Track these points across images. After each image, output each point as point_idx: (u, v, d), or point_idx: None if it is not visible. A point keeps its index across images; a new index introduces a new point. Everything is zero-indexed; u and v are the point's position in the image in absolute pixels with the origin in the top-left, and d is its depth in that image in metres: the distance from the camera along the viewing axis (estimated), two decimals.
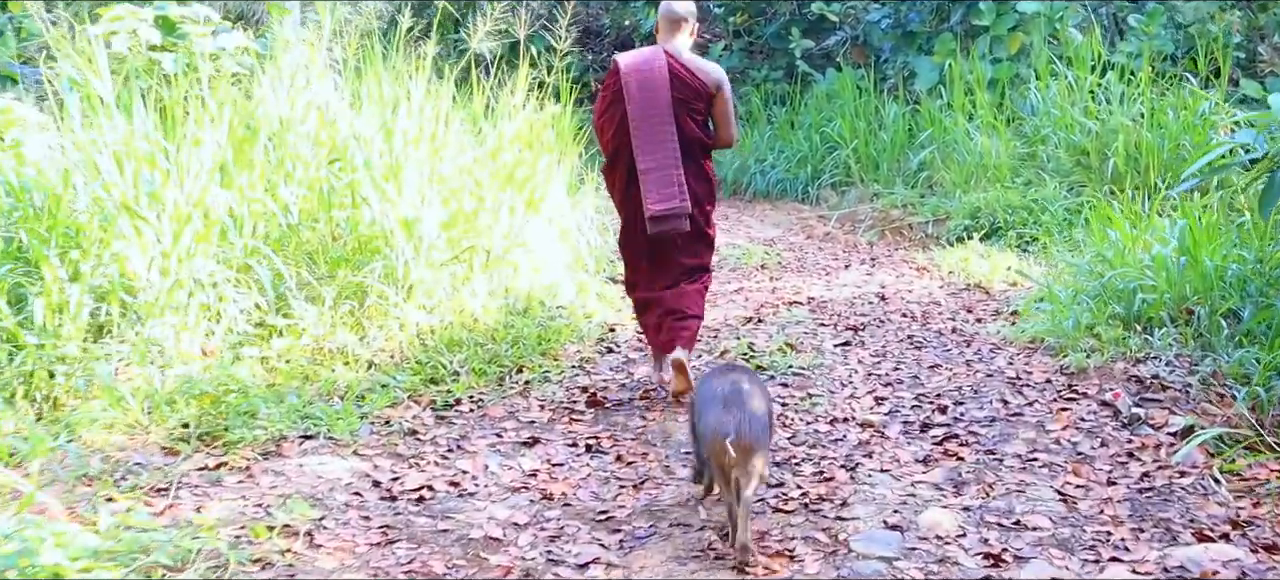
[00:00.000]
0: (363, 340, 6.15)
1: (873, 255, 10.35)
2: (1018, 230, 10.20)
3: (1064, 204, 10.40)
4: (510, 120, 8.01)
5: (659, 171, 5.54)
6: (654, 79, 5.57)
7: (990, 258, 9.25)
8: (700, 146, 5.73)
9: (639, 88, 5.56)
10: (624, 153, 5.66)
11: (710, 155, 5.86)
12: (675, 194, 5.54)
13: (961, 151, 11.83)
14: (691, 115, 5.65)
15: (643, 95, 5.55)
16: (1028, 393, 5.78)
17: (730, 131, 5.82)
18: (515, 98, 8.18)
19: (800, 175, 14.05)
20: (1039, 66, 12.29)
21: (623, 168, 5.71)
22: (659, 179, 5.54)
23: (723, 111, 5.74)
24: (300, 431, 5.10)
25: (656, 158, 5.54)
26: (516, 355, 6.29)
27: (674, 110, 5.57)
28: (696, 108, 5.67)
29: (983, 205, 10.63)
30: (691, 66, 5.68)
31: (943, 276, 9.09)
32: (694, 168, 5.67)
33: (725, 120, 5.77)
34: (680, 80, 5.62)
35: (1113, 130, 10.90)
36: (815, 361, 6.36)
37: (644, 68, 5.61)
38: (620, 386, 6.05)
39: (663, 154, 5.55)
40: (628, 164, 5.65)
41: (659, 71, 5.58)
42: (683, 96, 5.61)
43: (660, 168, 5.54)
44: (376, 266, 6.39)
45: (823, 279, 9.15)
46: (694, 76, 5.65)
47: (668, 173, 5.54)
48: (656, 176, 5.54)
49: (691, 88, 5.64)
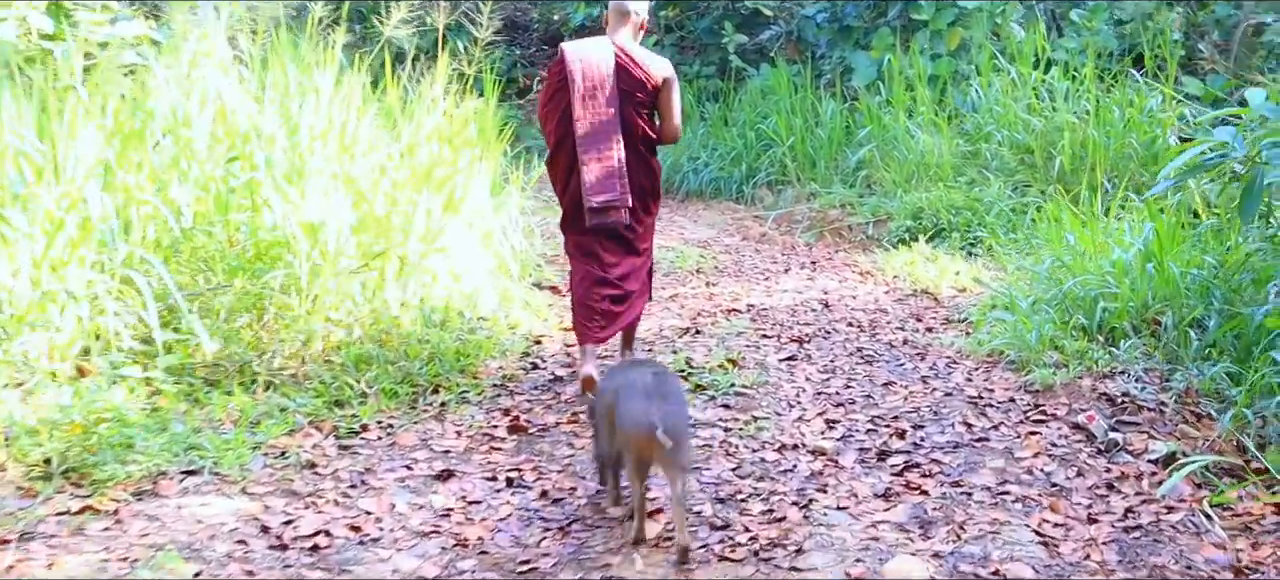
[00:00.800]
0: (262, 357, 5.52)
1: (812, 258, 9.84)
2: (961, 231, 9.77)
3: (1008, 204, 9.99)
4: (428, 116, 7.37)
5: (600, 164, 5.49)
6: (600, 70, 5.51)
7: (937, 261, 8.78)
8: (645, 140, 5.68)
9: (584, 77, 5.49)
10: (567, 143, 5.58)
11: (655, 149, 5.80)
12: (616, 186, 5.49)
13: (902, 150, 11.37)
14: (637, 108, 5.60)
15: (587, 85, 5.49)
16: (992, 414, 5.28)
17: (675, 125, 5.73)
18: (433, 91, 7.54)
19: (734, 174, 13.50)
20: (981, 63, 11.87)
21: (565, 158, 5.63)
22: (600, 172, 5.49)
23: (668, 105, 5.66)
24: (182, 466, 4.47)
25: (599, 149, 5.48)
26: (432, 373, 5.68)
27: (619, 102, 5.51)
28: (642, 100, 5.61)
29: (925, 205, 10.17)
30: (638, 59, 5.59)
31: (887, 281, 8.60)
32: (638, 161, 5.63)
33: (671, 114, 5.68)
34: (626, 72, 5.54)
35: (1058, 128, 10.52)
36: (759, 379, 5.81)
37: (590, 58, 5.53)
38: (546, 408, 5.46)
39: (605, 145, 5.49)
40: (570, 154, 5.57)
41: (605, 62, 5.52)
42: (628, 88, 5.55)
43: (602, 160, 5.49)
44: (278, 275, 5.76)
45: (762, 284, 8.62)
46: (641, 68, 5.57)
47: (609, 165, 5.50)
48: (597, 169, 5.49)
49: (638, 80, 5.56)
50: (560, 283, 8.36)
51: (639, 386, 3.88)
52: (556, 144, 5.69)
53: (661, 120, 5.74)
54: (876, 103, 12.28)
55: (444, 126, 7.45)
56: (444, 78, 7.67)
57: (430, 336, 5.96)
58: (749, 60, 15.22)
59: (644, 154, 5.71)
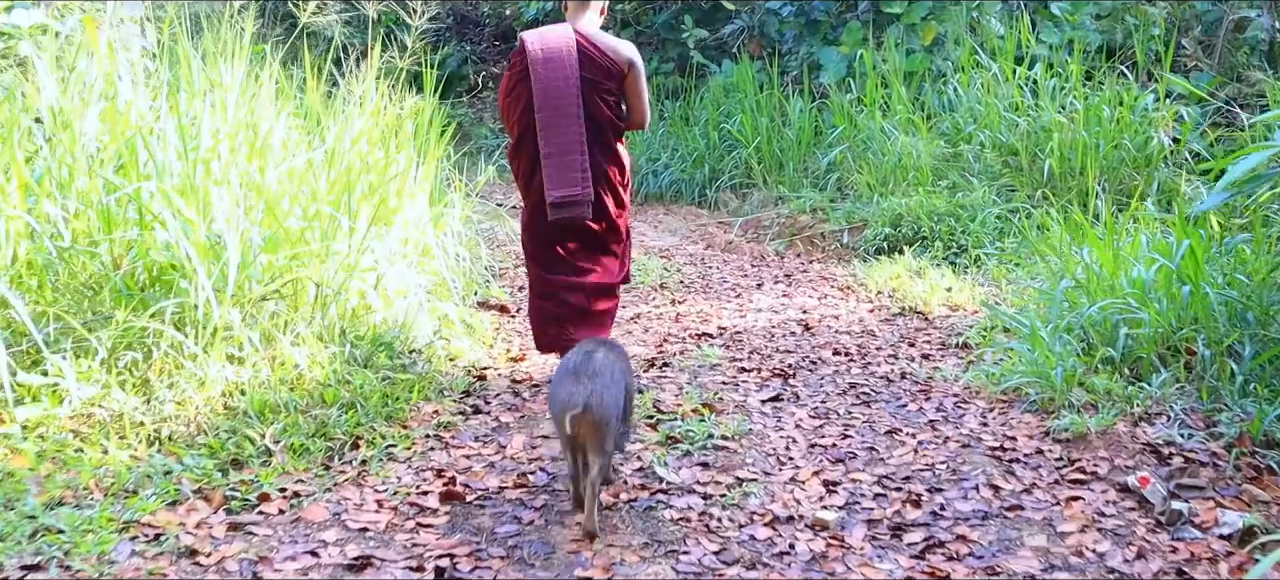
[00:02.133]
0: (148, 404, 4.54)
1: (785, 270, 8.93)
2: (945, 240, 8.91)
3: (994, 210, 9.14)
4: (357, 116, 6.39)
5: (561, 156, 5.21)
6: (562, 58, 5.21)
7: (925, 276, 7.89)
8: (612, 128, 5.39)
9: (545, 66, 5.20)
10: (530, 135, 5.29)
11: (622, 137, 5.51)
12: (577, 180, 5.22)
13: (876, 151, 10.50)
14: (602, 96, 5.31)
15: (549, 74, 5.19)
16: (1020, 472, 4.38)
17: (643, 112, 5.48)
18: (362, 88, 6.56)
19: (697, 176, 12.57)
20: (959, 58, 11.02)
21: (528, 151, 5.35)
22: (561, 164, 5.21)
23: (635, 91, 5.41)
24: (23, 559, 3.48)
25: (559, 142, 5.21)
26: (352, 422, 4.71)
27: (582, 91, 5.23)
28: (607, 88, 5.33)
29: (904, 212, 9.30)
30: (601, 44, 5.32)
31: (871, 298, 7.71)
32: (605, 152, 5.36)
33: (638, 100, 5.44)
34: (589, 59, 5.26)
35: (1045, 129, 9.69)
36: (742, 427, 4.85)
37: (551, 46, 5.24)
38: (488, 467, 4.49)
39: (566, 137, 5.21)
40: (533, 147, 5.29)
41: (567, 50, 5.23)
42: (592, 76, 5.26)
43: (563, 153, 5.21)
44: (170, 305, 4.77)
45: (733, 302, 7.69)
46: (604, 54, 5.30)
47: (571, 158, 5.22)
48: (558, 161, 5.22)
49: (602, 67, 5.29)
50: (510, 300, 7.40)
51: (567, 366, 3.86)
52: (519, 137, 5.37)
53: (628, 107, 5.48)
54: (847, 101, 11.40)
55: (374, 128, 6.49)
56: (375, 73, 6.68)
57: (352, 376, 4.99)
58: (710, 56, 14.31)
59: (611, 144, 5.40)
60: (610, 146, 5.40)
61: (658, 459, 4.44)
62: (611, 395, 3.76)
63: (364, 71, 6.71)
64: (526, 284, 5.89)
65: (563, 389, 3.75)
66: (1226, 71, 11.23)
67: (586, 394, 3.67)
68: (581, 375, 3.76)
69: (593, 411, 3.65)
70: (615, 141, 5.44)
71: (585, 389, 3.68)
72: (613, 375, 3.84)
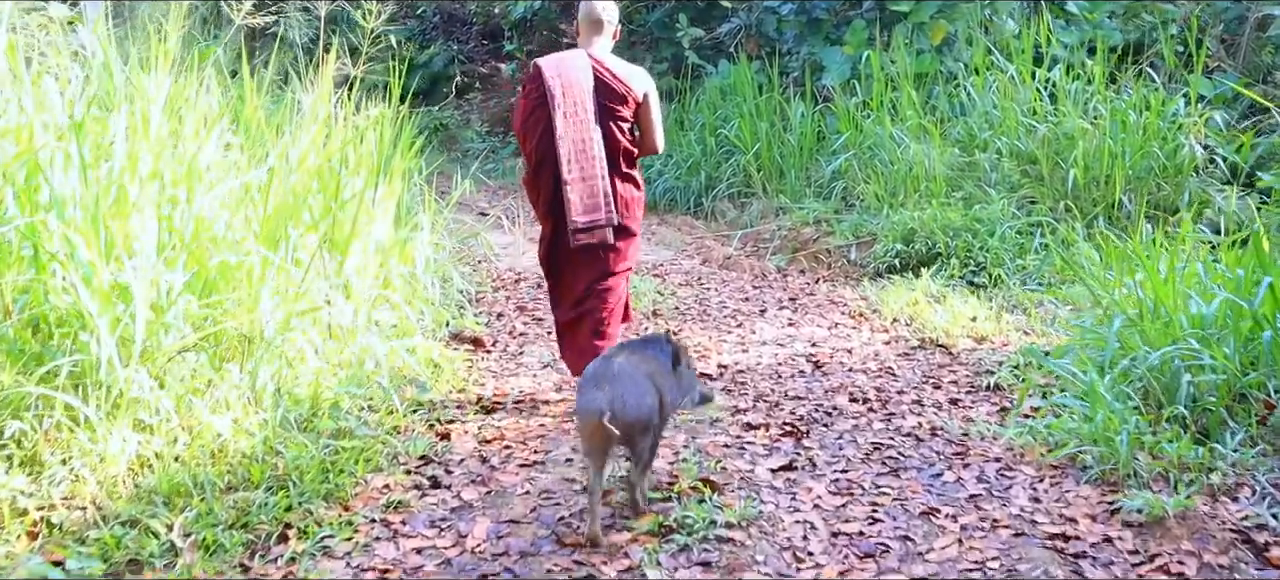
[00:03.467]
0: (35, 483, 3.72)
1: (790, 290, 8.09)
2: (961, 257, 8.08)
3: (1013, 224, 8.32)
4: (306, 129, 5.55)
5: (583, 182, 5.14)
6: (579, 84, 5.14)
7: (945, 301, 7.06)
8: (626, 155, 5.30)
9: (564, 94, 5.12)
10: (549, 161, 5.17)
11: (635, 164, 5.42)
12: (601, 205, 5.16)
13: (885, 159, 9.66)
14: (618, 123, 5.23)
15: (568, 101, 5.12)
16: (1090, 571, 3.54)
17: (656, 139, 5.42)
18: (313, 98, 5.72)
19: (692, 184, 11.72)
20: (974, 59, 10.19)
21: (547, 177, 5.20)
22: (584, 190, 5.14)
23: (649, 119, 5.34)
24: None
25: (582, 167, 5.13)
26: (281, 507, 3.86)
27: (599, 118, 5.16)
28: (623, 115, 5.24)
29: (917, 226, 8.46)
30: (617, 72, 5.23)
31: (886, 327, 6.87)
32: (622, 178, 5.28)
33: (651, 128, 5.37)
34: (606, 86, 5.18)
35: (1067, 135, 8.86)
36: (749, 510, 3.97)
37: (568, 73, 5.16)
38: (443, 564, 3.65)
39: (587, 164, 5.14)
40: (552, 173, 5.16)
41: (584, 77, 5.15)
42: (608, 103, 5.18)
43: (585, 178, 5.14)
44: (67, 363, 3.94)
45: (734, 332, 6.85)
46: (620, 82, 5.21)
47: (593, 183, 5.15)
48: (582, 188, 5.14)
49: (618, 94, 5.20)
50: (486, 332, 6.58)
51: (589, 375, 3.80)
52: (537, 163, 5.22)
53: (642, 135, 5.39)
54: (853, 104, 10.56)
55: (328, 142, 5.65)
56: (329, 79, 5.85)
57: (286, 446, 4.15)
58: (706, 56, 13.47)
59: (626, 170, 5.32)
60: (625, 172, 5.31)
61: (648, 557, 3.60)
62: (634, 397, 3.68)
63: (319, 78, 5.86)
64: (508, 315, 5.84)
65: (585, 397, 3.68)
66: (1252, 72, 10.42)
67: (608, 399, 3.57)
68: (602, 381, 3.68)
69: (616, 416, 3.54)
70: (630, 167, 5.35)
71: (607, 394, 3.59)
72: (635, 378, 3.76)
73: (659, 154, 5.90)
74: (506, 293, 7.90)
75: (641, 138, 5.40)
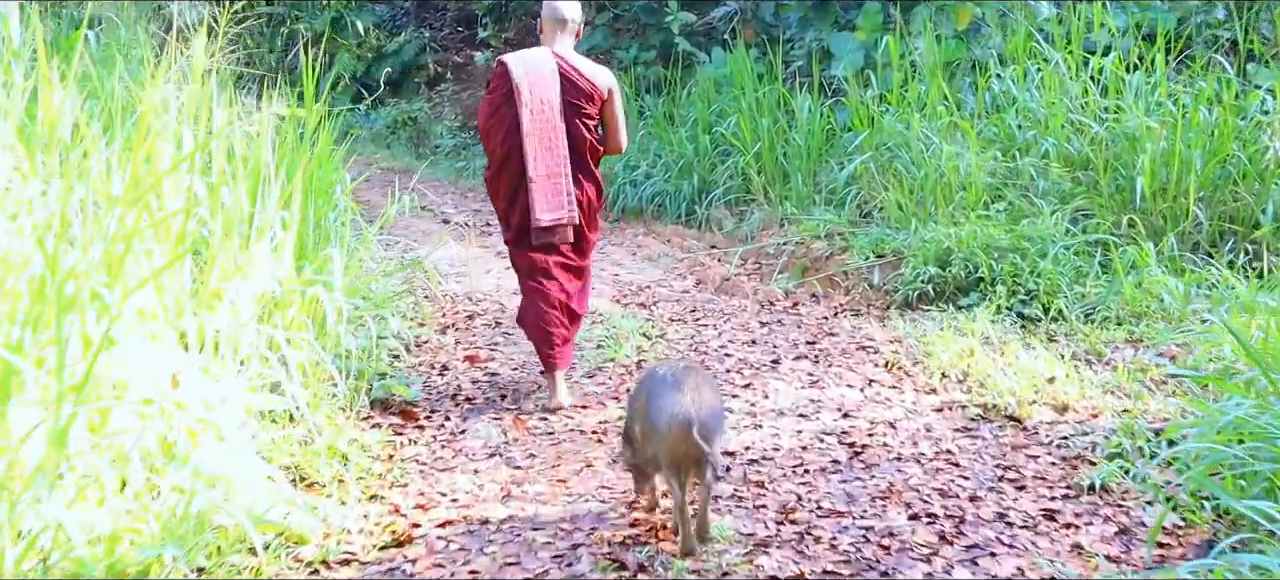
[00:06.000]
0: None
1: (806, 328, 6.44)
2: (1008, 284, 6.49)
3: (1068, 243, 6.74)
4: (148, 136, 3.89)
5: (548, 180, 5.07)
6: (545, 82, 5.07)
7: (1006, 351, 5.45)
8: (591, 152, 5.23)
9: (531, 91, 5.04)
10: (514, 158, 5.08)
11: (599, 162, 5.33)
12: (563, 203, 5.09)
13: (909, 162, 8.04)
14: (583, 120, 5.15)
15: (534, 98, 5.05)
16: None
17: (621, 137, 5.36)
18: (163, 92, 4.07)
19: (684, 188, 10.01)
20: (1011, 46, 8.57)
21: (511, 174, 5.11)
22: (549, 189, 5.07)
23: (613, 116, 5.27)
24: None
25: (547, 166, 5.07)
26: None
27: (565, 115, 5.10)
28: (588, 112, 5.17)
29: (953, 245, 6.85)
30: (583, 70, 5.16)
31: (933, 384, 5.26)
32: (585, 176, 5.21)
33: (615, 126, 5.30)
34: (571, 83, 5.11)
35: (1130, 136, 7.26)
36: None
37: (535, 70, 5.08)
38: None
39: (552, 161, 5.08)
40: (516, 171, 5.08)
41: (549, 74, 5.08)
42: (574, 100, 5.12)
43: (550, 176, 5.07)
44: None
45: (741, 393, 5.19)
46: (585, 79, 5.14)
47: (557, 181, 5.09)
48: (546, 185, 5.07)
49: (583, 91, 5.13)
50: (420, 397, 4.96)
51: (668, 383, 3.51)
52: (501, 160, 5.15)
53: (607, 132, 5.34)
54: (868, 98, 8.92)
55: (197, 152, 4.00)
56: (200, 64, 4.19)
57: None
58: (698, 43, 11.81)
59: (590, 168, 5.26)
60: (589, 170, 5.24)
61: None
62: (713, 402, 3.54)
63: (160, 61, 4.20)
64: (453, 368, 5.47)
65: (669, 404, 3.42)
66: None
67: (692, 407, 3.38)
68: (680, 387, 3.46)
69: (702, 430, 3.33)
70: (593, 165, 5.27)
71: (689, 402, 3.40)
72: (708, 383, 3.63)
73: (624, 153, 5.76)
74: (457, 333, 6.25)
75: (606, 135, 5.32)
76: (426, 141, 14.52)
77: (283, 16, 16.01)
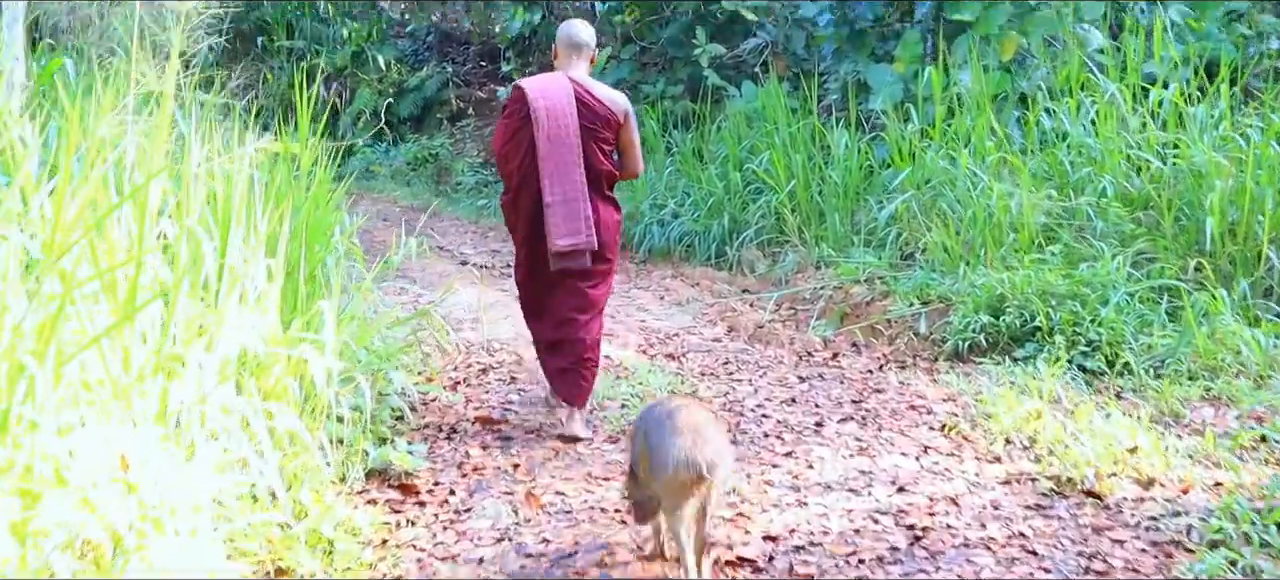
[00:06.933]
0: None
1: (850, 383, 5.85)
2: (1067, 334, 5.90)
3: (1131, 289, 6.14)
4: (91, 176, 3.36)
5: (566, 204, 4.95)
6: (562, 106, 4.96)
7: (1079, 414, 4.84)
8: (607, 178, 5.12)
9: (547, 115, 4.93)
10: (530, 182, 4.98)
11: (614, 186, 5.22)
12: (581, 228, 4.96)
13: (955, 201, 7.47)
14: (599, 144, 5.05)
15: (551, 123, 4.94)
16: None
17: (637, 162, 5.26)
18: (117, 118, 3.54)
19: (714, 228, 9.45)
20: (1061, 76, 8.00)
21: (528, 199, 5.01)
22: (566, 213, 4.95)
23: (629, 141, 5.16)
24: None
25: (564, 190, 4.95)
26: None
27: (582, 139, 4.97)
28: (604, 137, 5.06)
29: (1007, 291, 6.27)
30: (597, 93, 5.06)
31: (997, 452, 4.65)
32: (602, 201, 5.09)
33: (632, 150, 5.19)
34: (587, 108, 5.00)
35: (1197, 173, 6.67)
36: None
37: (551, 94, 4.98)
38: None
39: (570, 186, 4.96)
40: (534, 195, 4.98)
41: (566, 99, 4.98)
42: (590, 125, 5.01)
43: (567, 201, 4.95)
44: None
45: (781, 462, 4.59)
46: (601, 104, 5.03)
47: (574, 205, 4.95)
48: (563, 210, 4.94)
49: (599, 116, 5.02)
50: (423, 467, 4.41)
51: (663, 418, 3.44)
52: (518, 184, 5.02)
53: (623, 157, 5.21)
54: (910, 132, 8.35)
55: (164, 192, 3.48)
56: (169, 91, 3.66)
57: None
58: (728, 77, 11.27)
59: (607, 193, 5.13)
60: (606, 195, 5.14)
61: None
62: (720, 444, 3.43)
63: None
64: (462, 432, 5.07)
65: (677, 447, 3.29)
66: None
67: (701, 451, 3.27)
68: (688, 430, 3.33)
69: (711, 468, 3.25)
70: (611, 190, 5.18)
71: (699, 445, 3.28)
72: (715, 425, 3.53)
73: (639, 177, 5.73)
74: (468, 390, 5.69)
75: (622, 160, 5.23)
76: (448, 178, 14.03)
77: (303, 51, 15.60)
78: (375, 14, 16.34)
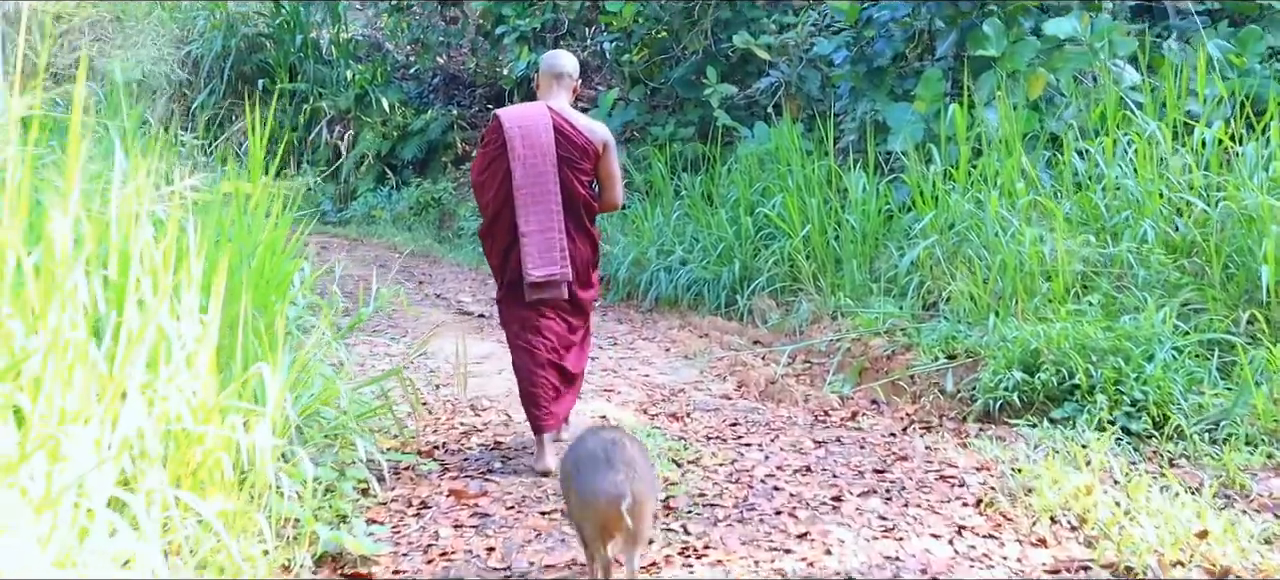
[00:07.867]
0: None
1: (872, 449, 5.23)
2: (1109, 393, 5.30)
3: (1178, 343, 5.55)
4: None
5: (541, 235, 4.89)
6: (539, 135, 4.91)
7: (1134, 486, 4.22)
8: (586, 208, 5.05)
9: (524, 144, 4.89)
10: (506, 213, 4.93)
11: (594, 218, 5.14)
12: (556, 259, 4.90)
13: (981, 248, 6.89)
14: (577, 175, 4.98)
15: (527, 152, 4.89)
16: None
17: (616, 193, 5.18)
18: None
19: (723, 275, 8.87)
20: (1096, 115, 7.43)
21: (504, 229, 4.97)
22: (541, 243, 4.89)
23: (609, 172, 5.09)
24: None
25: (539, 220, 4.89)
26: None
27: (559, 169, 4.92)
28: (583, 167, 5.00)
29: (1042, 345, 5.68)
30: (577, 123, 5.00)
31: (1042, 534, 4.03)
32: (580, 231, 5.04)
33: (611, 181, 5.12)
34: (566, 137, 4.94)
35: (1249, 217, 6.08)
36: None
37: (528, 123, 4.93)
38: None
39: (545, 216, 4.90)
40: (509, 225, 4.92)
41: (544, 128, 4.93)
42: (568, 155, 4.94)
43: (542, 231, 4.89)
44: None
45: (795, 546, 3.96)
46: (580, 133, 4.97)
47: (550, 237, 4.90)
48: (539, 240, 4.89)
49: (578, 145, 4.96)
50: (382, 552, 3.82)
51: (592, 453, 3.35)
52: (494, 214, 4.98)
53: (602, 188, 5.15)
54: (933, 173, 7.77)
55: None
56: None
57: None
58: (740, 118, 10.74)
59: (585, 223, 5.06)
60: (583, 226, 5.04)
61: None
62: (650, 481, 3.35)
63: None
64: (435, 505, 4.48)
65: (602, 480, 3.23)
66: None
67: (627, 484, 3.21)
68: (615, 463, 3.26)
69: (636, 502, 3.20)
70: (588, 221, 5.08)
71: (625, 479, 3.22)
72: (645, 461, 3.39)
73: (619, 209, 5.50)
74: (446, 456, 5.10)
75: (602, 191, 5.16)
76: (451, 223, 13.51)
77: (305, 94, 15.16)
78: (380, 56, 15.92)
